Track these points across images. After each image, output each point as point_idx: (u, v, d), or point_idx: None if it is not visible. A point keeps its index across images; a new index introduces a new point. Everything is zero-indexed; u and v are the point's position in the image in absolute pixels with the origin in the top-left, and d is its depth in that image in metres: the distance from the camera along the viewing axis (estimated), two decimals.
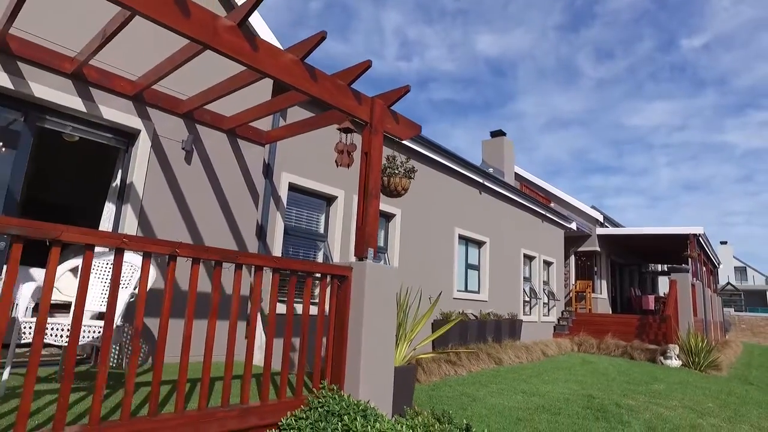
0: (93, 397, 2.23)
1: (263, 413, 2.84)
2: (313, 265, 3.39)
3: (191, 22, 2.80)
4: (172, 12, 2.70)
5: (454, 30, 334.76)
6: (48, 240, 2.16)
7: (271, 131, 5.34)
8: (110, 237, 2.35)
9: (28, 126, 3.92)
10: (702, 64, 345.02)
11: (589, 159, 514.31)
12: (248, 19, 3.05)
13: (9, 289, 2.02)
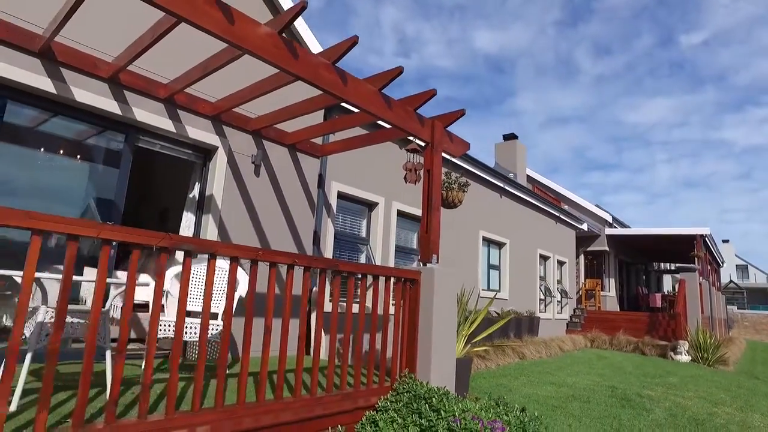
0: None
1: (367, 396, 3.35)
2: (390, 270, 3.88)
3: (299, 63, 3.30)
4: (287, 57, 3.19)
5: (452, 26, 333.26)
6: (209, 254, 2.65)
7: (326, 145, 5.85)
8: (249, 250, 2.86)
9: (128, 146, 4.43)
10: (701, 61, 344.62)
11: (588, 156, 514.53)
12: (340, 59, 3.54)
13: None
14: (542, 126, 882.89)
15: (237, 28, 2.92)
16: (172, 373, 2.44)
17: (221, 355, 2.67)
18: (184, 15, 2.68)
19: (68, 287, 2.14)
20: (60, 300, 2.13)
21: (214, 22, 2.80)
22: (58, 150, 4.12)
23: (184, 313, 2.55)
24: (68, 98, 3.94)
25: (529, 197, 11.76)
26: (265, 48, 3.09)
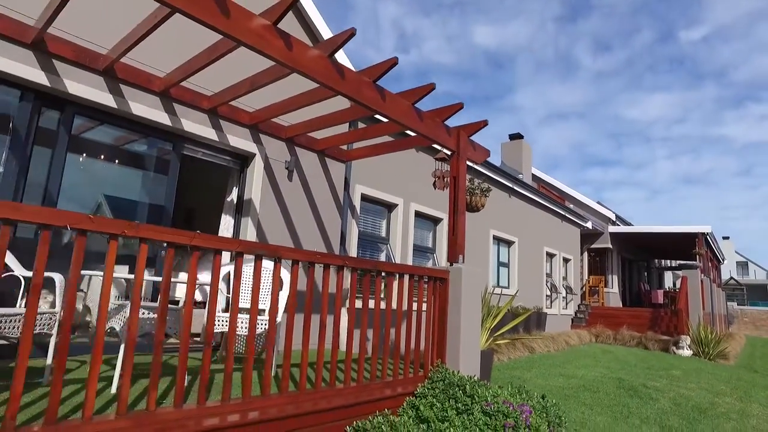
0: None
1: (404, 384, 3.72)
2: (423, 270, 4.23)
3: (345, 83, 3.64)
4: (336, 78, 3.54)
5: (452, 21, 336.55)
6: (274, 258, 3.01)
7: (352, 150, 6.19)
8: (308, 254, 3.20)
9: (175, 154, 4.78)
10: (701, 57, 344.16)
11: (588, 152, 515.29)
12: (380, 78, 3.88)
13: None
14: (542, 122, 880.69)
15: (294, 53, 3.27)
16: (248, 366, 2.80)
17: (286, 348, 3.03)
18: (252, 44, 3.02)
19: (167, 288, 2.50)
20: (161, 300, 2.48)
21: (277, 50, 3.14)
22: (117, 159, 4.47)
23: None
24: (126, 111, 4.28)
25: (536, 197, 12.11)
26: (317, 70, 3.43)
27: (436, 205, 8.23)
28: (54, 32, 3.90)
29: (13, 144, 3.83)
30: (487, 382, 4.65)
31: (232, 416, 2.63)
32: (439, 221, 8.51)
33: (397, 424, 3.16)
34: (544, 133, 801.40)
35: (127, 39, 3.73)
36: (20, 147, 3.86)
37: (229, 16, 2.89)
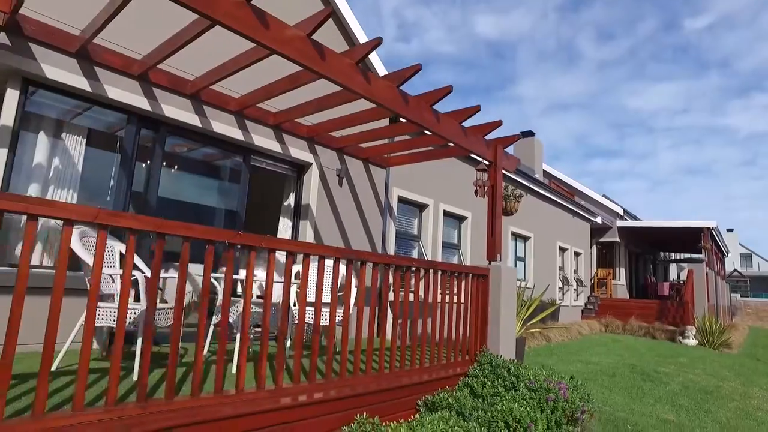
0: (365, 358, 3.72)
1: (455, 366, 4.38)
2: (468, 268, 4.86)
3: (409, 108, 4.24)
4: (401, 104, 4.14)
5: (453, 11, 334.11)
6: (360, 261, 3.63)
7: (393, 158, 6.80)
8: (388, 258, 3.84)
9: (245, 165, 5.40)
10: (705, 45, 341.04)
11: (590, 143, 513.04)
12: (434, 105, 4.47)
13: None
14: (543, 112, 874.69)
15: (372, 87, 3.87)
16: (343, 354, 3.44)
17: (357, 337, 3.67)
18: (341, 81, 3.62)
19: (289, 289, 3.13)
20: (284, 301, 3.12)
21: (360, 85, 3.74)
22: (199, 171, 5.10)
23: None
24: (208, 129, 4.90)
25: (550, 194, 12.71)
26: (387, 98, 4.03)
27: (461, 205, 8.84)
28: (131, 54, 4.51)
29: (122, 161, 4.46)
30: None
31: (333, 391, 3.27)
32: (464, 219, 9.13)
33: (459, 398, 3.82)
34: (546, 124, 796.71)
35: (218, 71, 4.34)
36: (127, 163, 4.49)
37: (324, 59, 3.49)
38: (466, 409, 3.67)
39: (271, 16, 3.12)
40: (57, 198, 4.17)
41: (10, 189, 3.87)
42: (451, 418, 3.38)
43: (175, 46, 3.84)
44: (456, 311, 4.68)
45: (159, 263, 2.47)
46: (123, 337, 2.39)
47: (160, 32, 3.98)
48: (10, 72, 3.82)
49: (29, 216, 2.05)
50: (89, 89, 4.12)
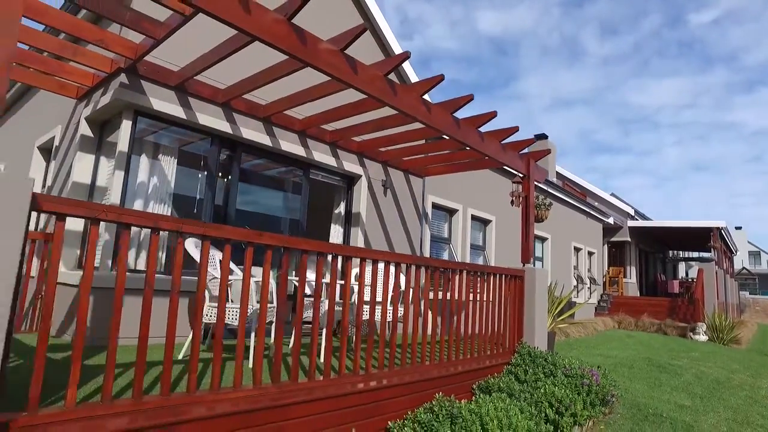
0: (440, 348, 4.36)
1: (499, 357, 5.02)
2: (506, 270, 5.49)
3: (461, 130, 4.87)
4: (454, 128, 4.77)
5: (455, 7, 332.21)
6: (424, 266, 4.27)
7: (431, 168, 7.43)
8: (446, 263, 4.47)
9: (306, 178, 6.06)
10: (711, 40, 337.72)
11: (595, 139, 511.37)
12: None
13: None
14: (547, 109, 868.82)
15: (434, 114, 4.50)
16: (413, 346, 4.09)
17: (414, 332, 4.30)
18: (411, 113, 4.25)
19: (376, 293, 3.78)
20: (363, 302, 3.76)
21: (422, 114, 4.38)
22: (268, 184, 5.76)
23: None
24: (277, 148, 5.56)
25: (565, 196, 13.29)
26: (444, 124, 4.66)
27: (487, 209, 9.47)
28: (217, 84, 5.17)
29: (207, 178, 5.13)
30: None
31: (408, 376, 3.91)
32: (488, 222, 9.76)
33: (507, 383, 4.46)
34: (549, 121, 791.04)
35: (291, 99, 4.99)
36: (211, 179, 5.16)
37: (396, 94, 4.12)
38: (515, 391, 4.32)
39: (360, 62, 3.76)
40: (154, 211, 4.85)
41: (122, 205, 4.54)
42: (505, 399, 4.01)
43: (259, 82, 4.50)
44: (498, 308, 5.31)
45: (268, 272, 3.12)
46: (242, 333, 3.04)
47: (242, 66, 4.62)
48: (126, 106, 4.50)
49: (121, 225, 2.42)
50: (184, 117, 4.79)
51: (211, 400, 2.68)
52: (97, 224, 2.32)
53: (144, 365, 2.45)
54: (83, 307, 2.25)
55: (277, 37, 3.21)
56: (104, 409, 2.29)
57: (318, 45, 3.48)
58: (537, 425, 3.77)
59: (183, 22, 3.51)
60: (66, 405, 2.20)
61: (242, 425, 2.66)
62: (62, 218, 2.22)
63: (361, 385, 3.45)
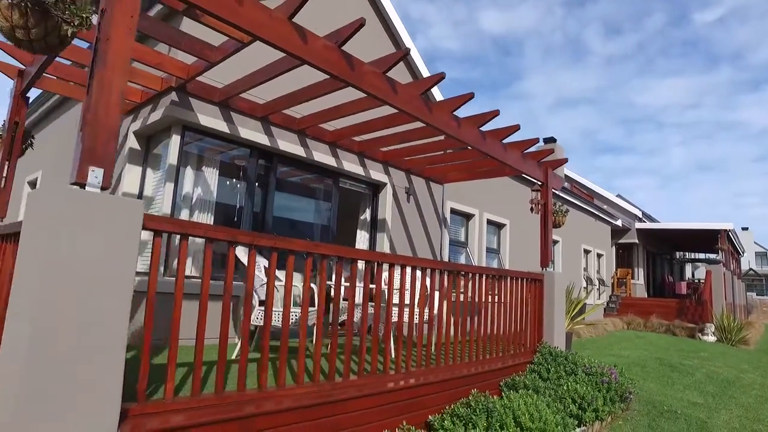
0: (469, 348, 4.67)
1: (522, 356, 5.32)
2: (521, 273, 5.78)
3: (487, 143, 5.17)
4: (480, 140, 5.07)
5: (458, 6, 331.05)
6: (463, 273, 4.57)
7: (451, 175, 7.73)
8: (474, 269, 4.78)
9: (335, 186, 6.38)
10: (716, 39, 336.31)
11: (599, 139, 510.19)
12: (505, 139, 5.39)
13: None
14: (551, 109, 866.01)
15: (463, 129, 4.80)
16: (447, 346, 4.39)
17: (447, 333, 4.61)
18: (448, 131, 4.55)
19: (413, 299, 4.08)
20: (409, 304, 4.07)
21: (452, 128, 4.68)
22: (301, 193, 6.09)
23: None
24: (310, 158, 5.88)
25: (575, 200, 13.57)
26: (472, 138, 4.96)
27: (501, 213, 9.77)
28: (256, 100, 5.49)
29: (247, 188, 5.46)
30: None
31: (441, 374, 4.21)
32: (502, 226, 10.06)
33: (532, 380, 4.76)
34: (553, 121, 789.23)
35: (325, 113, 5.31)
36: (250, 189, 5.48)
37: (432, 112, 4.43)
38: (540, 388, 4.62)
39: (399, 83, 4.07)
40: (198, 220, 5.17)
41: (172, 215, 4.87)
42: (532, 395, 4.31)
43: (299, 99, 4.82)
44: (520, 310, 5.61)
45: (318, 279, 3.44)
46: (287, 334, 3.35)
47: (279, 82, 4.92)
48: (176, 121, 4.82)
49: (207, 239, 2.77)
50: (227, 131, 5.11)
51: (279, 395, 2.99)
52: (187, 239, 2.64)
53: (224, 365, 2.77)
54: (177, 314, 2.57)
55: (328, 62, 3.52)
56: (197, 402, 2.61)
57: (363, 68, 3.80)
58: (563, 419, 4.07)
59: (239, 48, 3.83)
60: (165, 397, 2.52)
61: (303, 419, 2.97)
62: (159, 234, 2.54)
63: (402, 383, 3.75)
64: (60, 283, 2.04)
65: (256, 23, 3.10)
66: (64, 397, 2.01)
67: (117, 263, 2.20)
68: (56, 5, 2.10)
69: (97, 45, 2.38)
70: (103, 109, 2.35)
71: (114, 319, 2.19)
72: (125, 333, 2.22)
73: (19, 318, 2.08)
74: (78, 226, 2.10)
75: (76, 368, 2.05)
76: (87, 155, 2.28)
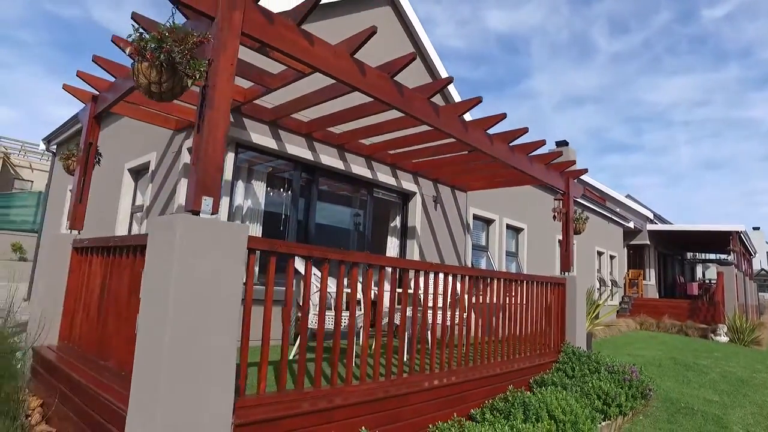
0: (474, 353, 5.06)
1: (548, 356, 5.71)
2: (545, 278, 6.16)
3: (515, 157, 5.56)
4: (509, 155, 5.46)
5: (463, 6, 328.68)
6: (489, 278, 4.98)
7: (474, 183, 8.12)
8: (510, 275, 5.17)
9: (370, 196, 6.80)
10: (725, 35, 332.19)
11: (606, 137, 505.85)
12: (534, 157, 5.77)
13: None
14: (557, 107, 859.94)
15: (495, 146, 5.19)
16: (475, 350, 4.78)
17: (475, 334, 5.01)
18: (484, 149, 4.95)
19: (454, 304, 4.49)
20: (446, 309, 4.47)
21: (487, 147, 5.08)
22: (340, 203, 6.53)
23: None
24: (349, 171, 6.31)
25: (588, 203, 13.89)
26: (504, 154, 5.35)
27: (519, 218, 10.15)
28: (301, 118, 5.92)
29: (292, 199, 5.89)
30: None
31: (477, 372, 4.62)
32: (521, 231, 10.43)
33: (559, 378, 5.15)
34: (559, 119, 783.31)
35: (364, 131, 5.72)
36: (295, 200, 5.93)
37: (467, 130, 4.84)
38: (567, 385, 5.01)
39: (441, 106, 4.48)
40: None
41: None
42: (561, 391, 4.71)
43: (344, 119, 5.24)
44: (545, 312, 6.00)
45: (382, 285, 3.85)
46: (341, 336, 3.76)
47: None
48: (231, 140, 5.27)
49: (289, 255, 3.36)
50: (276, 147, 5.55)
51: (347, 391, 3.41)
52: (275, 255, 3.07)
53: (305, 364, 3.20)
54: (267, 318, 3.00)
55: (382, 91, 3.95)
56: (282, 397, 3.05)
57: (411, 95, 4.21)
58: (591, 413, 4.46)
59: (299, 77, 4.26)
60: (259, 393, 2.95)
61: (370, 411, 3.39)
62: (253, 252, 2.96)
63: (445, 380, 4.16)
64: (187, 295, 2.47)
65: (324, 60, 3.52)
66: (194, 391, 2.44)
67: (230, 277, 2.63)
68: (182, 63, 2.53)
69: (205, 90, 2.82)
70: (212, 146, 2.78)
71: (229, 325, 2.62)
72: (237, 337, 2.65)
73: (156, 323, 2.50)
74: (198, 246, 2.53)
75: (201, 366, 2.48)
76: (200, 187, 2.71)
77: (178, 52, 2.51)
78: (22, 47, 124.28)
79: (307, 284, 3.39)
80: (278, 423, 2.87)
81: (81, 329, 4.20)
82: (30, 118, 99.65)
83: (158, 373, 2.37)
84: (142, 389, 2.50)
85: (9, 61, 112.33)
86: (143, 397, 2.47)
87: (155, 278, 2.61)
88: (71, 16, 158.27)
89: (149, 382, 2.44)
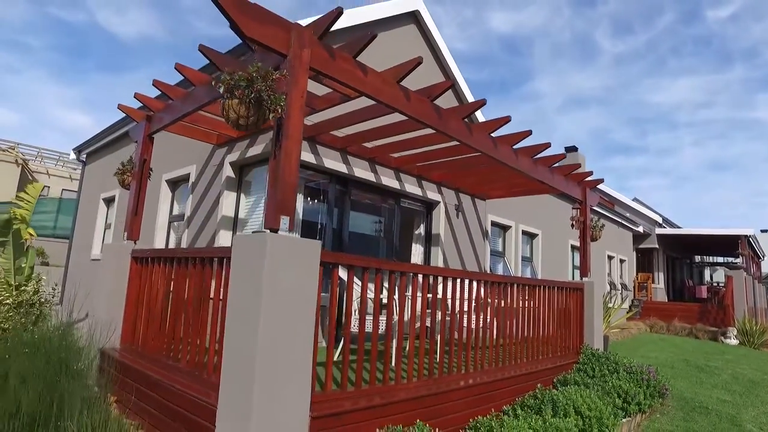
0: (503, 353, 5.41)
1: (568, 357, 6.05)
2: (565, 283, 6.50)
3: (537, 171, 5.92)
4: (532, 167, 5.82)
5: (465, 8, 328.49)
6: (516, 284, 5.33)
7: (493, 192, 8.48)
8: (533, 281, 5.53)
9: (397, 206, 7.18)
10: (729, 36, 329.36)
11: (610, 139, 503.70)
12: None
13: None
14: (560, 109, 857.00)
15: (520, 161, 5.56)
16: (504, 351, 5.14)
17: (496, 337, 5.37)
18: (509, 163, 5.32)
19: (485, 309, 4.86)
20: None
21: (513, 161, 5.44)
22: (369, 212, 6.91)
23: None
24: (379, 182, 6.69)
25: (599, 208, 14.21)
26: (528, 167, 5.71)
27: (534, 224, 10.50)
28: (336, 133, 6.31)
29: (328, 209, 6.28)
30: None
31: (506, 372, 4.97)
32: (535, 236, 10.78)
33: (582, 377, 5.50)
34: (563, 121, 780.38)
35: (395, 145, 6.11)
36: (330, 210, 6.31)
37: (496, 146, 5.21)
38: (588, 384, 5.36)
39: (474, 125, 4.85)
40: None
41: None
42: (584, 390, 5.05)
43: (378, 135, 5.62)
44: (565, 316, 6.34)
45: (415, 291, 4.23)
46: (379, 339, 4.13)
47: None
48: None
49: (350, 267, 3.75)
50: (314, 162, 5.94)
51: (396, 389, 3.78)
52: (337, 267, 3.45)
53: (362, 365, 3.57)
54: (332, 320, 3.38)
55: (423, 113, 4.33)
56: (345, 394, 3.42)
57: (447, 115, 4.59)
58: (613, 409, 4.81)
59: (345, 100, 4.64)
60: (326, 390, 3.33)
61: (418, 406, 3.75)
62: (323, 264, 3.33)
63: (478, 379, 4.53)
64: (275, 303, 2.84)
65: (375, 88, 3.90)
66: (280, 390, 2.82)
67: (309, 288, 3.01)
68: (268, 100, 2.91)
69: (281, 121, 3.20)
70: (287, 170, 3.16)
71: (309, 330, 2.99)
72: (313, 341, 3.02)
73: (247, 329, 2.86)
74: (283, 261, 2.91)
75: (287, 367, 2.86)
76: (279, 207, 3.09)
77: (265, 90, 2.90)
78: (27, 52, 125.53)
79: (349, 291, 3.74)
80: (342, 417, 3.24)
81: (145, 333, 4.58)
82: (36, 122, 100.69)
83: (252, 374, 2.72)
84: (233, 388, 2.86)
85: (16, 66, 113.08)
86: (235, 396, 2.83)
87: (244, 290, 2.97)
88: (75, 20, 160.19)
89: (241, 381, 2.80)
